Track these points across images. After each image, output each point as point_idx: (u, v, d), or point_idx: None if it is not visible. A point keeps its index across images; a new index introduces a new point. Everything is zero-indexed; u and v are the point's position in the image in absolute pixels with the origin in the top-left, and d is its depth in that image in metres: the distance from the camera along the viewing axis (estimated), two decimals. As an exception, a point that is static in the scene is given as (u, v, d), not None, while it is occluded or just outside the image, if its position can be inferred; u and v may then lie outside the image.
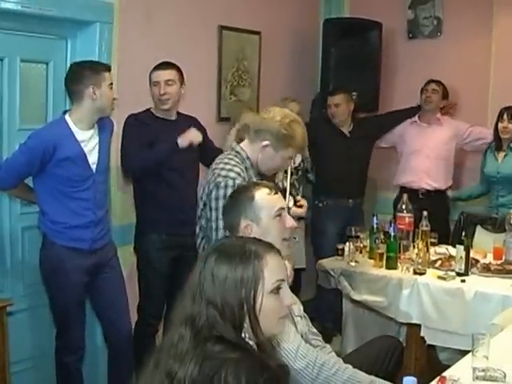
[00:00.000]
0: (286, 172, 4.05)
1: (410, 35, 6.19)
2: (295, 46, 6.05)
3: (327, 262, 4.45)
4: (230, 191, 3.13)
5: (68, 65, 4.24)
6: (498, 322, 3.24)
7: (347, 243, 4.47)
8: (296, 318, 2.87)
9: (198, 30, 4.97)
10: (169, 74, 4.27)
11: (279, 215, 2.79)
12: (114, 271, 3.97)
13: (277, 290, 1.95)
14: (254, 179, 3.34)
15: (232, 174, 3.21)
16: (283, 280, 1.98)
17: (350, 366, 2.67)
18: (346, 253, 4.43)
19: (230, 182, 3.18)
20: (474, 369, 2.60)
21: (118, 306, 3.98)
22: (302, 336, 2.78)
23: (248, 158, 3.37)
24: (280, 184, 4.05)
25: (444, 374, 2.59)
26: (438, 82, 5.59)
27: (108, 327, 4.04)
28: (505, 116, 5.01)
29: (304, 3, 6.15)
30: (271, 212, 2.76)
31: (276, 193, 2.82)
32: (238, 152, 3.38)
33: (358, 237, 4.55)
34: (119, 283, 4.02)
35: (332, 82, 5.78)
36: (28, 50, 4.07)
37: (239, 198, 2.83)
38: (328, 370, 2.59)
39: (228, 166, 3.27)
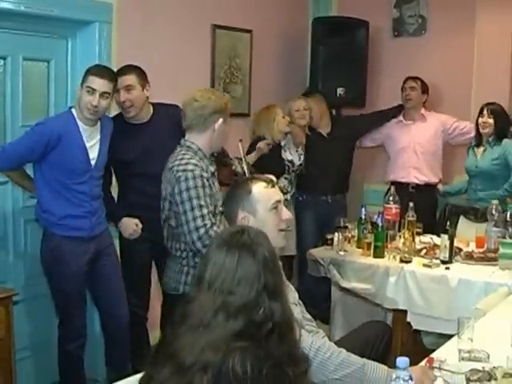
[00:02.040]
0: (239, 158, 4.18)
1: (396, 33, 6.31)
2: (285, 44, 6.16)
3: (317, 252, 4.57)
4: (191, 183, 3.35)
5: (68, 63, 4.43)
6: (481, 307, 3.35)
7: (336, 233, 4.59)
8: (291, 306, 2.86)
9: (192, 28, 5.08)
10: (127, 79, 4.05)
11: (275, 208, 2.89)
12: (111, 258, 4.05)
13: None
14: (211, 167, 3.56)
15: (190, 167, 3.39)
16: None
17: (343, 350, 2.73)
18: (335, 242, 4.55)
19: (190, 174, 3.36)
20: (460, 350, 2.71)
21: (115, 293, 4.06)
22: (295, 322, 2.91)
23: (200, 149, 3.53)
24: (239, 169, 4.12)
25: (432, 355, 2.70)
26: (416, 79, 5.69)
27: (106, 313, 4.11)
28: (485, 111, 5.10)
29: (293, 2, 6.27)
30: (267, 205, 2.87)
31: (273, 186, 2.94)
32: (188, 147, 3.54)
33: (346, 227, 4.69)
34: (116, 270, 4.10)
35: (320, 79, 5.90)
36: (30, 49, 4.17)
37: (237, 191, 2.95)
38: (323, 354, 2.61)
39: (184, 161, 3.44)
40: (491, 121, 5.09)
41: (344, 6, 6.40)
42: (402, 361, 2.14)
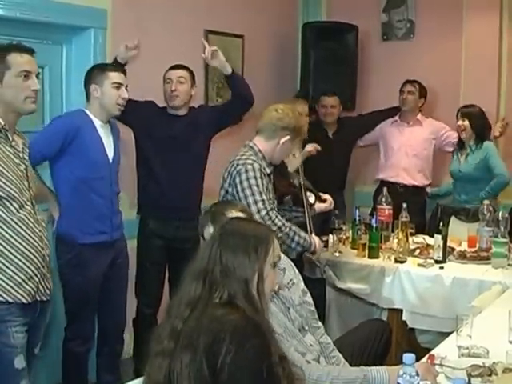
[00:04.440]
0: (296, 172, 4.30)
1: (385, 37, 6.38)
2: (276, 49, 6.23)
3: None
4: (251, 173, 3.71)
5: (63, 69, 4.47)
6: (477, 304, 3.43)
7: (331, 235, 4.67)
8: (295, 309, 2.94)
9: (185, 34, 5.11)
10: (181, 72, 4.44)
11: None
12: (124, 261, 4.08)
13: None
14: (267, 169, 3.85)
15: (249, 161, 3.75)
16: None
17: (341, 365, 2.84)
18: (330, 244, 4.62)
19: (249, 167, 3.72)
20: (459, 347, 2.78)
21: (121, 298, 4.09)
22: (299, 330, 2.89)
23: (260, 151, 3.86)
24: (296, 182, 4.23)
25: (432, 352, 2.77)
26: (414, 82, 5.73)
27: (106, 317, 4.08)
28: (459, 115, 5.22)
29: (283, 8, 6.33)
30: None
31: None
32: (251, 147, 3.88)
33: (340, 229, 4.77)
34: (125, 274, 4.12)
35: (311, 82, 5.96)
36: None
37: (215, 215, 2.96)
38: (323, 382, 2.62)
39: (244, 157, 3.80)
40: (466, 123, 5.17)
41: (333, 11, 6.47)
42: (409, 357, 2.16)
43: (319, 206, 4.28)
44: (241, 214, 2.87)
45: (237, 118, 4.61)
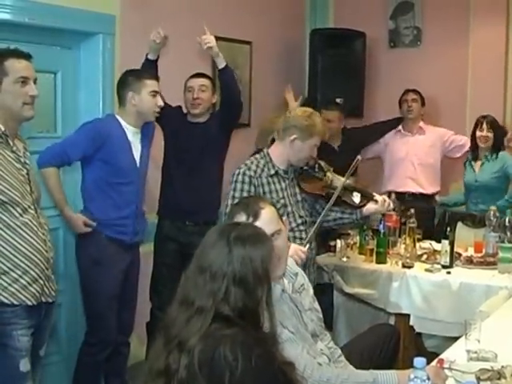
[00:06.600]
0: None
1: (392, 44, 6.42)
2: (284, 55, 6.25)
3: (320, 259, 4.58)
4: (239, 185, 3.74)
5: (74, 74, 4.47)
6: (485, 309, 3.44)
7: (338, 240, 4.68)
8: (306, 314, 2.92)
9: (193, 40, 5.12)
10: (203, 81, 4.57)
11: None
12: (137, 266, 4.11)
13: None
14: (271, 170, 3.85)
15: (241, 170, 3.78)
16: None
17: (350, 370, 2.82)
18: (338, 249, 4.64)
19: (236, 171, 3.79)
20: (468, 351, 2.80)
21: (131, 307, 4.10)
22: (312, 335, 2.88)
23: (268, 154, 3.89)
24: (337, 183, 4.05)
25: (441, 356, 2.79)
26: (415, 91, 5.76)
27: (118, 321, 4.02)
28: (484, 125, 5.11)
29: (291, 15, 6.35)
30: None
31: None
32: (262, 150, 4.00)
33: (348, 234, 4.79)
34: (137, 280, 4.14)
35: (319, 89, 5.98)
36: (37, 61, 4.14)
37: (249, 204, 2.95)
38: None
39: (242, 165, 3.84)
40: (491, 135, 5.13)
41: (341, 18, 6.49)
42: (420, 361, 2.18)
43: (368, 209, 4.11)
44: (272, 208, 2.83)
45: (232, 121, 4.64)
